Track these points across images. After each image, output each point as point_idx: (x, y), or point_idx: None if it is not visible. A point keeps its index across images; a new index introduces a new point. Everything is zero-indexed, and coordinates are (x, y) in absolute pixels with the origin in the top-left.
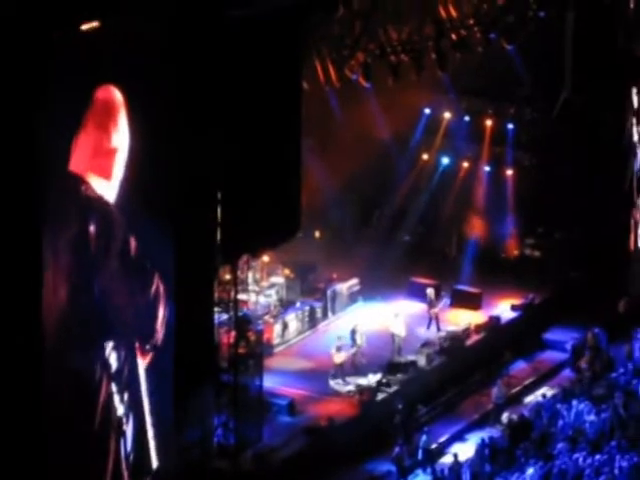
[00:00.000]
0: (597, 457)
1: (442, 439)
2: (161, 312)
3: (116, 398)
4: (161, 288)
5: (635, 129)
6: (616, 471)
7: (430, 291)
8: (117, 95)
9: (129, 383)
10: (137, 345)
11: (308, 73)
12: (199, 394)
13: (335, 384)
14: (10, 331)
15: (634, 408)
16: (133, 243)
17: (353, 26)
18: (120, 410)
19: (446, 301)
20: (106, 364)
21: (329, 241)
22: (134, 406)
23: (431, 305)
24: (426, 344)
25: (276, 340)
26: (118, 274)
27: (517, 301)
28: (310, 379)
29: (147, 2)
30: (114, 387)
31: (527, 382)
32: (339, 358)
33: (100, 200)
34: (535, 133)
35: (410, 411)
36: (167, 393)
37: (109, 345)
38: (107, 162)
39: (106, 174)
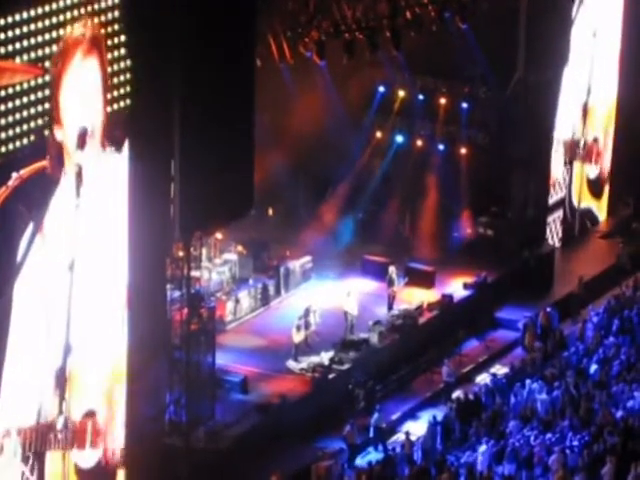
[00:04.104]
0: (548, 436)
1: (394, 417)
2: None
3: None
4: None
5: None
6: (567, 450)
7: (392, 269)
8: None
9: None
10: None
11: (262, 50)
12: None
13: (290, 362)
14: None
15: (585, 387)
16: None
17: (307, 3)
18: None
19: (404, 280)
20: None
21: (282, 218)
22: None
23: (390, 283)
24: (377, 322)
25: (228, 317)
26: None
27: (470, 280)
28: (263, 357)
29: None
30: None
31: (479, 360)
32: (298, 337)
33: None
34: (489, 112)
35: (373, 384)
36: None
37: None
38: None
39: None
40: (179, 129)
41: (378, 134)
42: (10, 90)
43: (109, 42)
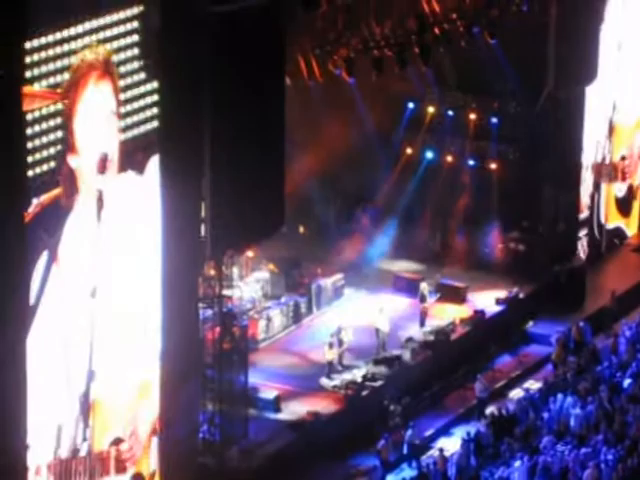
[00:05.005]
0: (582, 450)
1: (427, 433)
2: None
3: None
4: None
5: None
6: (602, 465)
7: (423, 285)
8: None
9: None
10: None
11: (291, 68)
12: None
13: (322, 380)
14: None
15: (619, 401)
16: None
17: (336, 21)
18: None
19: (436, 296)
20: None
21: (313, 236)
22: None
23: (422, 299)
24: (410, 339)
25: (261, 336)
26: None
27: (502, 295)
28: (295, 374)
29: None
30: None
31: (512, 376)
32: (331, 355)
33: None
34: (519, 127)
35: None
36: None
37: None
38: None
39: None
40: (210, 148)
41: (408, 150)
42: (29, 116)
43: (125, 68)
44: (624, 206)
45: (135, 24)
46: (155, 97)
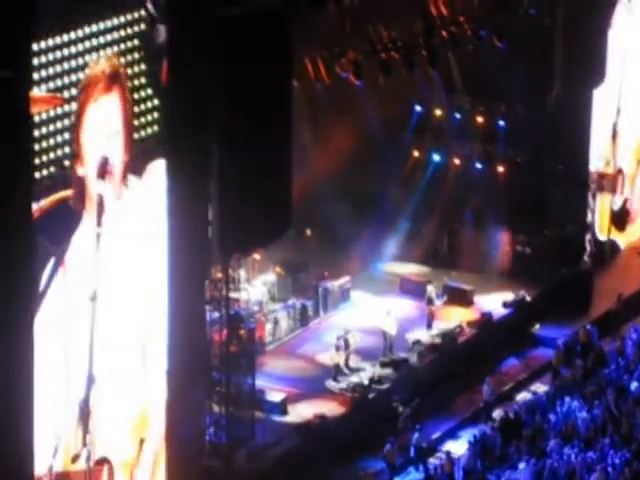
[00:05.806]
0: (589, 454)
1: (434, 436)
2: None
3: None
4: None
5: None
6: (609, 468)
7: (430, 288)
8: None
9: None
10: None
11: (298, 71)
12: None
13: (329, 383)
14: None
15: (626, 404)
16: None
17: (343, 24)
18: None
19: (443, 298)
20: None
21: (320, 239)
22: None
23: (429, 302)
24: (417, 342)
25: (268, 338)
26: None
27: (509, 298)
28: (302, 377)
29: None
30: None
31: (519, 379)
32: (338, 357)
33: None
34: (526, 130)
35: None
36: None
37: None
38: None
39: None
40: (217, 151)
41: (415, 153)
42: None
43: (129, 71)
44: (619, 220)
45: (141, 27)
46: (156, 101)
